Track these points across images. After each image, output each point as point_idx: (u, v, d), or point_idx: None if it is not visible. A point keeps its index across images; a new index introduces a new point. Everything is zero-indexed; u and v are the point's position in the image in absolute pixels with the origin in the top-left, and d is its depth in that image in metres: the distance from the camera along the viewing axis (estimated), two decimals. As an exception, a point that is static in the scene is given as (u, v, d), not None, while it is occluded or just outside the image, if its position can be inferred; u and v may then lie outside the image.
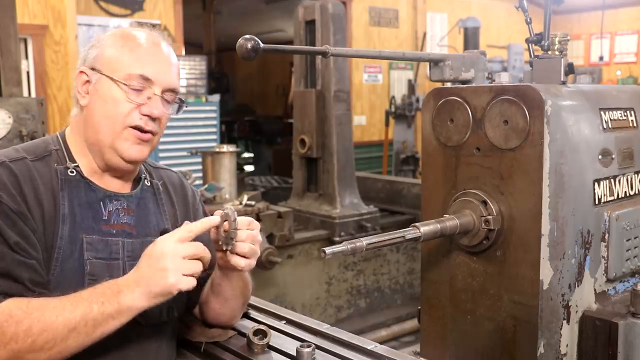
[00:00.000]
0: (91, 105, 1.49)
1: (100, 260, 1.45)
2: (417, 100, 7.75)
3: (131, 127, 1.48)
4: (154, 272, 1.32)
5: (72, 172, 1.48)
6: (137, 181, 1.60)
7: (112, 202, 1.51)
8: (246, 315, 1.82)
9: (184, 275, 1.32)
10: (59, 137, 1.55)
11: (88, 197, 1.48)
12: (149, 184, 1.62)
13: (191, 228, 1.38)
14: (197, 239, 1.49)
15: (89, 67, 1.49)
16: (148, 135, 1.51)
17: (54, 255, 1.40)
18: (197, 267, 1.35)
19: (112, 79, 1.46)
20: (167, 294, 1.33)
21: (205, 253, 1.37)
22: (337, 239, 4.78)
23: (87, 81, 1.49)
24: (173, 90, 1.54)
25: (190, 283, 1.33)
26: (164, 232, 1.54)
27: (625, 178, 1.67)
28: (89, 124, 1.49)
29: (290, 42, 6.44)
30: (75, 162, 1.50)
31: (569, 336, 1.54)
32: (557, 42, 1.68)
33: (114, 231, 1.49)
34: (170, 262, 1.31)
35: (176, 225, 1.60)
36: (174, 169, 1.81)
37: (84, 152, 1.52)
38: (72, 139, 1.54)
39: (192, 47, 10.13)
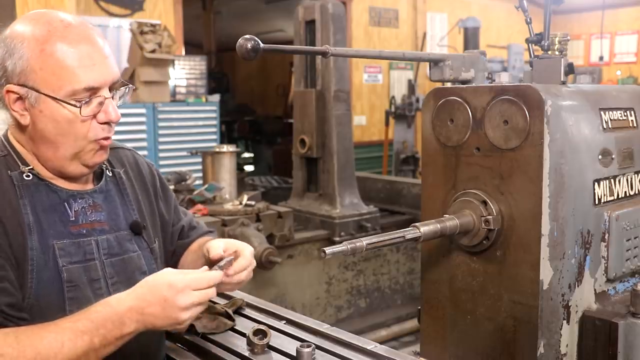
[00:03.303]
0: (39, 126, 1.36)
1: (76, 265, 1.39)
2: (417, 100, 7.74)
3: (95, 140, 1.40)
4: (165, 319, 1.29)
5: (27, 176, 1.38)
6: (98, 174, 1.53)
7: (77, 201, 1.43)
8: (246, 315, 1.82)
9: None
10: (4, 142, 1.43)
11: (50, 200, 1.40)
12: (111, 174, 1.55)
13: (212, 282, 1.34)
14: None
15: (16, 84, 1.33)
16: (110, 139, 1.44)
17: (27, 268, 1.32)
18: (204, 305, 1.34)
19: (55, 99, 1.33)
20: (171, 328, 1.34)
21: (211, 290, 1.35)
22: (337, 239, 4.77)
23: (19, 97, 1.34)
24: (116, 81, 1.42)
25: (193, 316, 1.33)
26: (134, 224, 1.52)
27: (625, 178, 1.67)
28: (41, 142, 1.38)
29: (290, 42, 6.44)
30: (29, 165, 1.40)
31: (569, 336, 1.54)
32: (557, 42, 1.68)
33: (84, 231, 1.42)
34: (185, 314, 1.29)
35: (141, 210, 1.58)
36: (175, 168, 1.80)
37: (34, 157, 1.42)
38: (18, 144, 1.43)
39: (192, 47, 10.13)
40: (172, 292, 1.27)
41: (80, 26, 1.38)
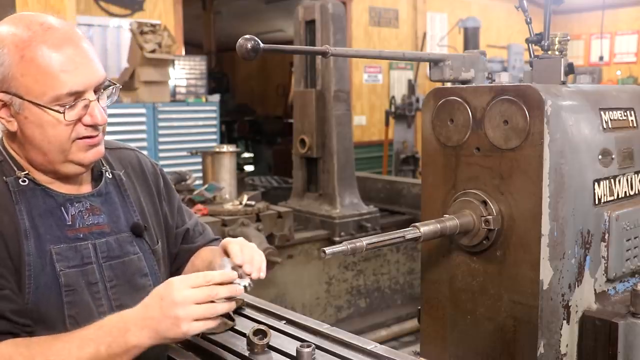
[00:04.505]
0: (26, 132, 1.34)
1: (74, 269, 1.38)
2: (417, 100, 7.74)
3: (79, 139, 1.37)
4: (164, 319, 1.25)
5: (24, 181, 1.37)
6: (97, 176, 1.51)
7: (74, 204, 1.42)
8: (246, 315, 1.82)
9: (195, 320, 1.25)
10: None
11: (47, 205, 1.39)
12: (110, 176, 1.53)
13: (209, 278, 1.28)
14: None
15: (0, 91, 1.31)
16: (99, 137, 1.41)
17: (24, 273, 1.32)
18: (210, 310, 1.27)
19: (38, 105, 1.30)
20: (176, 340, 1.31)
21: (220, 291, 1.28)
22: (337, 239, 4.77)
23: (4, 104, 1.33)
24: (102, 82, 1.38)
25: (202, 327, 1.27)
26: (134, 226, 1.51)
27: (625, 178, 1.67)
28: (30, 147, 1.37)
29: (290, 42, 6.44)
30: (25, 170, 1.39)
31: (569, 336, 1.55)
32: (557, 42, 1.68)
33: (81, 235, 1.41)
34: (181, 311, 1.24)
35: (144, 213, 1.56)
36: (175, 168, 1.79)
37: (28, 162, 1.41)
38: (12, 150, 1.42)
39: (192, 47, 10.13)
40: (168, 290, 1.26)
41: (62, 29, 1.34)
